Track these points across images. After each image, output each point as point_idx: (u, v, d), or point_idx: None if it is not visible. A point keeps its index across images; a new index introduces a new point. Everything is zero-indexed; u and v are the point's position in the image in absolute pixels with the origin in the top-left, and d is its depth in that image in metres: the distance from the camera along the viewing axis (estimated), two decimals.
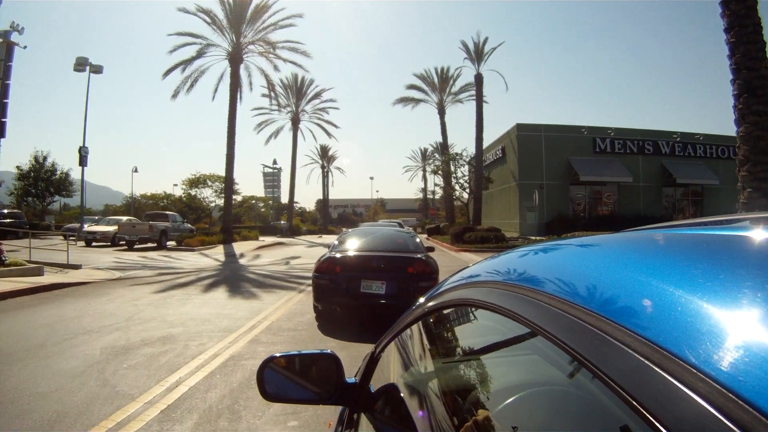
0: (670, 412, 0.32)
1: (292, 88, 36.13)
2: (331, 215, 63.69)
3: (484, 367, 0.81)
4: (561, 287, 0.56)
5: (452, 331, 1.00)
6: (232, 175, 22.96)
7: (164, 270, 11.30)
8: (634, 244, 0.71)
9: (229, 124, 22.72)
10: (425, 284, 5.28)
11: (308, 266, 12.39)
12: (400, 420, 0.91)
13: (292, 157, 35.83)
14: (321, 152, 56.56)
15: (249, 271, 11.39)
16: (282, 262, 13.69)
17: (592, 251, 0.73)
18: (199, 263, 13.24)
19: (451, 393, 0.82)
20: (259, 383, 1.05)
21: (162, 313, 6.18)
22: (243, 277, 10.25)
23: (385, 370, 1.16)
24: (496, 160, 29.09)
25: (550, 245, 0.88)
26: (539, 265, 0.75)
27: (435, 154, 55.85)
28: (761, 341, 0.32)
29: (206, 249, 18.42)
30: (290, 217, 36.58)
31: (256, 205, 49.35)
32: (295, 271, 11.42)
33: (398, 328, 1.13)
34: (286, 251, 18.43)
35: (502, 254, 0.92)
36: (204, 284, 8.98)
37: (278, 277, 10.19)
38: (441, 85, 31.75)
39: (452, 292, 0.89)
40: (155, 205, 47.72)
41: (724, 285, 0.42)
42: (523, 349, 0.67)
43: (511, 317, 0.61)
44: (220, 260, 14.36)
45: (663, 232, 0.74)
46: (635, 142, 27.61)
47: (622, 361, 0.38)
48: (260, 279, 9.90)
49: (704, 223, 0.77)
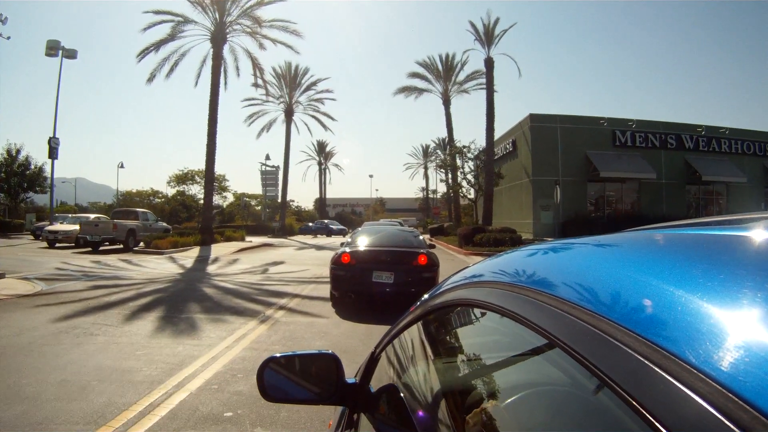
0: (670, 413, 0.32)
1: (285, 77, 33.62)
2: (330, 215, 61.38)
3: (484, 367, 0.82)
4: (561, 287, 0.56)
5: (452, 331, 1.00)
6: (213, 170, 20.49)
7: (104, 281, 8.88)
8: (634, 244, 0.71)
9: (210, 112, 20.28)
10: (428, 275, 6.17)
11: (290, 276, 9.98)
12: (400, 420, 0.90)
13: (285, 151, 33.35)
14: (318, 148, 54.17)
15: (211, 283, 8.97)
16: (259, 270, 11.28)
17: (592, 251, 0.73)
18: (157, 270, 10.83)
19: (452, 393, 0.81)
20: (259, 383, 1.04)
21: (22, 366, 3.77)
22: (198, 293, 7.82)
23: (385, 370, 1.16)
24: (506, 155, 26.64)
25: (550, 245, 0.87)
26: (539, 265, 0.75)
27: (437, 151, 53.58)
28: (761, 341, 0.33)
29: (178, 252, 15.98)
30: (283, 217, 34.07)
31: (248, 203, 46.89)
32: (270, 284, 9.00)
33: (398, 329, 1.14)
34: (270, 255, 15.99)
35: (502, 254, 0.92)
36: (137, 305, 6.56)
37: (244, 294, 7.78)
38: (446, 73, 29.29)
39: (452, 292, 0.89)
40: (140, 203, 45.46)
41: (725, 285, 0.41)
42: (522, 349, 0.67)
43: (510, 317, 0.61)
44: (186, 266, 11.94)
45: (663, 232, 0.74)
46: (657, 136, 25.26)
47: (622, 361, 0.38)
48: (218, 296, 7.48)
49: (704, 223, 0.77)
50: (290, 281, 9.26)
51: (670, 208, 24.80)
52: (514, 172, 25.55)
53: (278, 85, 33.79)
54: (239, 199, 42.52)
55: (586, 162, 23.84)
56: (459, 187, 25.62)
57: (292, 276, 10.09)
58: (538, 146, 23.58)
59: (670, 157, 25.29)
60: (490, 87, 22.33)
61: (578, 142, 23.80)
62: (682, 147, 25.57)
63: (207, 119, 20.22)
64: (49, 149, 24.91)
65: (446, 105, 29.79)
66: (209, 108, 20.18)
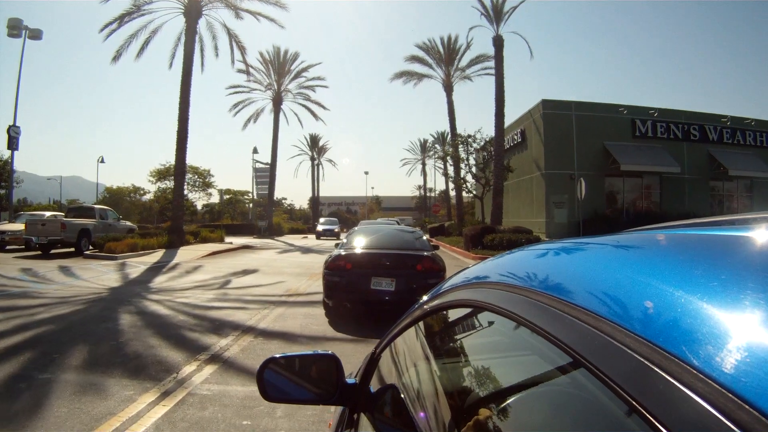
0: (671, 413, 0.32)
1: (273, 62, 31.07)
2: (324, 213, 58.98)
3: (485, 367, 0.82)
4: (561, 288, 0.56)
5: (452, 332, 1.00)
6: (184, 161, 17.91)
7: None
8: (635, 244, 0.70)
9: (182, 93, 17.75)
10: (433, 281, 5.35)
11: (255, 292, 7.53)
12: (400, 421, 0.90)
13: (273, 143, 30.83)
14: (310, 142, 51.67)
15: (139, 306, 6.50)
16: (218, 282, 8.81)
17: (593, 251, 0.73)
18: (88, 284, 8.38)
19: (452, 394, 0.81)
20: (259, 384, 1.04)
21: None
22: (106, 325, 5.35)
23: (386, 370, 1.15)
24: (513, 147, 24.22)
25: (551, 246, 0.87)
26: (540, 265, 0.75)
27: (436, 146, 51.17)
28: (762, 342, 0.33)
29: (136, 257, 13.49)
30: (270, 216, 31.49)
31: (237, 200, 44.29)
32: (221, 307, 6.56)
33: (398, 329, 1.13)
34: (244, 260, 13.48)
35: (502, 255, 0.92)
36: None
37: (172, 326, 5.33)
38: (448, 56, 26.81)
39: (452, 293, 0.89)
40: (127, 201, 43.04)
41: (725, 285, 0.41)
42: (523, 350, 0.67)
43: (511, 318, 0.61)
44: (130, 278, 9.48)
45: (664, 233, 0.74)
46: (680, 126, 22.98)
47: (622, 361, 0.38)
48: (131, 333, 5.00)
49: (705, 223, 0.77)
50: (251, 301, 6.83)
51: (693, 205, 22.56)
52: (523, 165, 23.16)
53: (266, 72, 31.27)
54: (223, 195, 39.91)
55: (604, 154, 21.52)
56: (463, 181, 23.17)
57: (258, 292, 7.65)
58: (551, 136, 21.21)
59: (692, 149, 23.03)
60: (499, 68, 19.90)
61: (596, 132, 21.48)
62: (705, 139, 23.33)
63: (178, 102, 17.70)
64: (9, 139, 22.30)
65: (448, 92, 27.30)
66: (181, 89, 17.66)
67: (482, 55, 26.17)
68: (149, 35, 18.95)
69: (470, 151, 21.93)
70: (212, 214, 40.07)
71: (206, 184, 36.19)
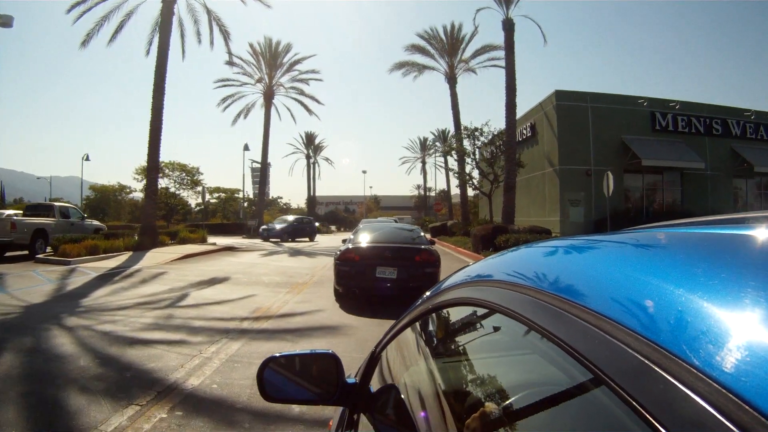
0: (670, 413, 0.32)
1: (265, 54, 29.23)
2: (321, 212, 57.18)
3: (485, 366, 0.82)
4: (562, 286, 0.56)
5: (453, 331, 0.99)
6: (157, 153, 15.98)
7: None
8: (635, 243, 0.70)
9: (156, 79, 15.89)
10: (430, 270, 6.29)
11: (211, 313, 5.60)
12: (401, 421, 0.88)
13: (264, 140, 28.97)
14: (305, 140, 49.89)
15: (46, 336, 4.65)
16: (172, 297, 6.95)
17: (594, 250, 0.73)
18: (10, 297, 6.55)
19: (453, 393, 0.81)
20: (259, 383, 1.03)
21: None
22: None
23: (386, 370, 1.14)
24: (522, 141, 22.41)
25: (552, 243, 0.86)
26: (540, 263, 0.75)
27: (437, 144, 49.41)
28: (762, 341, 0.32)
29: (93, 261, 11.63)
30: (260, 215, 29.59)
31: (231, 198, 42.42)
32: (155, 339, 4.72)
33: (398, 328, 1.12)
34: (217, 265, 11.57)
35: (503, 253, 0.91)
36: None
37: (69, 376, 3.47)
38: (451, 46, 25.04)
39: (452, 291, 0.88)
40: (118, 200, 41.26)
41: (726, 284, 0.41)
42: (523, 349, 0.67)
43: (511, 316, 0.60)
44: (69, 288, 7.64)
45: (664, 231, 0.73)
46: (701, 120, 21.30)
47: (622, 360, 0.38)
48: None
49: (705, 222, 0.76)
50: (199, 330, 4.98)
51: (716, 202, 20.96)
52: (533, 161, 21.38)
53: (257, 65, 29.45)
54: (206, 194, 38.15)
55: (622, 148, 19.79)
56: (470, 177, 21.35)
57: (215, 313, 5.80)
58: (565, 129, 19.45)
59: (715, 144, 21.37)
60: (509, 54, 18.12)
61: (613, 125, 19.76)
62: (728, 134, 21.68)
63: (152, 89, 15.84)
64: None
65: (451, 84, 25.50)
66: (155, 74, 15.79)
67: (488, 45, 24.44)
68: (123, 17, 17.13)
69: (477, 144, 20.12)
70: (206, 213, 38.29)
71: (194, 182, 34.27)
